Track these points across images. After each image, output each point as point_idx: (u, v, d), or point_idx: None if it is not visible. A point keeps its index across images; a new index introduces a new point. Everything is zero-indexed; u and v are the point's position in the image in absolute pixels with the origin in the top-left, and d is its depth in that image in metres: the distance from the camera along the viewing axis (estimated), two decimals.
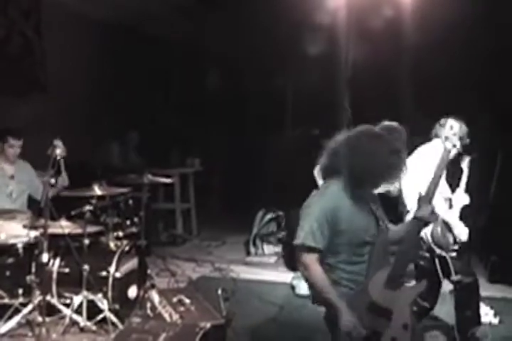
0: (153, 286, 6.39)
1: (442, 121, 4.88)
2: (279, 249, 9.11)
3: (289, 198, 9.57)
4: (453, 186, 5.77)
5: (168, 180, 7.30)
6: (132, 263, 5.99)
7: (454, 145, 3.77)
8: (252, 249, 9.13)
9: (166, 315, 4.41)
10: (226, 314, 4.94)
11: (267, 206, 9.57)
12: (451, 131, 3.85)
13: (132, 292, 5.86)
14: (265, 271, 8.30)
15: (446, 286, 5.41)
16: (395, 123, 5.97)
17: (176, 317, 4.35)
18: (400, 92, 8.94)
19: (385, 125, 6.15)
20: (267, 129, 11.35)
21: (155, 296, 4.83)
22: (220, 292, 5.25)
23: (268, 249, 9.12)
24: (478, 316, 5.34)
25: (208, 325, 3.99)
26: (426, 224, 3.58)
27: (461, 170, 5.77)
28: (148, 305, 4.76)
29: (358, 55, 9.40)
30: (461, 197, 5.68)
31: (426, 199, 3.55)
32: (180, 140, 11.32)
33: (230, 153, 11.37)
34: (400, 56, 9.21)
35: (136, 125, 10.33)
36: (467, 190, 5.39)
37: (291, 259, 8.69)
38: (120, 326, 5.22)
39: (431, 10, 8.40)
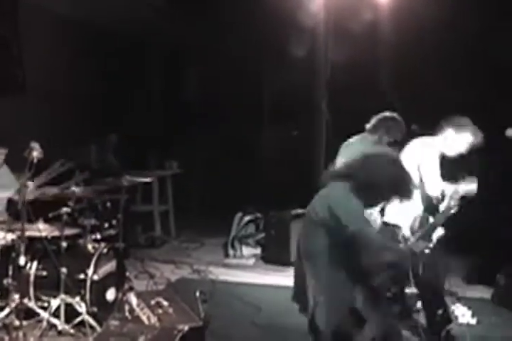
0: (131, 289, 6.37)
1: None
2: (257, 250, 9.12)
3: (268, 200, 9.61)
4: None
5: (146, 179, 7.28)
6: (110, 266, 5.97)
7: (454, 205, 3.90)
8: (231, 251, 9.14)
9: (144, 318, 4.40)
10: (204, 316, 4.94)
11: (245, 208, 9.58)
12: (456, 195, 3.95)
13: (110, 295, 5.84)
14: (244, 272, 8.30)
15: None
16: (394, 114, 6.02)
17: (154, 319, 4.34)
18: (378, 93, 8.96)
19: (384, 115, 6.21)
20: (245, 131, 11.34)
21: (133, 299, 4.82)
22: (198, 294, 5.26)
23: (247, 250, 9.12)
24: (449, 315, 5.38)
25: (186, 328, 3.99)
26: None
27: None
28: (127, 307, 4.74)
29: (337, 55, 9.44)
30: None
31: (423, 236, 3.71)
32: (158, 142, 11.30)
33: (207, 155, 11.35)
34: (379, 56, 9.24)
35: (114, 127, 10.30)
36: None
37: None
38: (98, 329, 5.19)
39: (409, 10, 8.46)
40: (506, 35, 8.09)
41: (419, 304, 5.71)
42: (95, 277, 5.58)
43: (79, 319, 5.36)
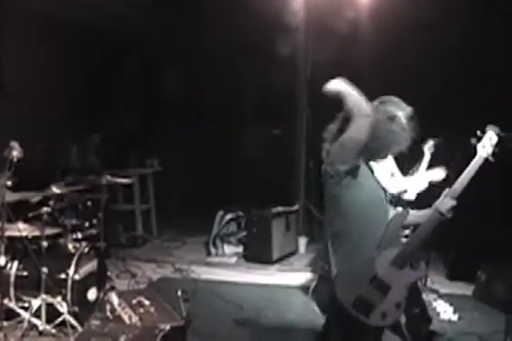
0: (113, 288, 6.36)
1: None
2: (239, 249, 9.12)
3: (249, 198, 9.61)
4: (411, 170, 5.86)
5: (126, 181, 7.24)
6: (91, 266, 5.95)
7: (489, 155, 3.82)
8: (213, 250, 9.14)
9: (126, 317, 4.38)
10: (186, 315, 4.94)
11: (226, 206, 9.58)
12: (490, 142, 3.86)
13: (92, 294, 5.82)
14: (226, 271, 8.30)
15: None
16: None
17: (135, 319, 4.32)
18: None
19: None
20: (226, 129, 11.35)
21: (114, 298, 4.80)
22: (179, 293, 5.25)
23: (228, 249, 9.12)
24: (427, 312, 5.40)
25: (168, 327, 3.98)
26: (443, 216, 3.59)
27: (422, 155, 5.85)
28: (108, 307, 4.72)
29: (317, 53, 9.45)
30: (419, 182, 5.75)
31: (450, 194, 3.59)
32: (139, 141, 11.28)
33: (189, 153, 11.33)
34: (360, 56, 9.25)
35: (95, 127, 10.27)
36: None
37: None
38: (80, 329, 5.18)
39: (390, 9, 8.48)
40: (485, 34, 8.13)
41: None
42: (76, 277, 5.56)
43: (60, 319, 5.34)
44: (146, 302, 4.74)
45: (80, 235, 6.44)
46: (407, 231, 3.82)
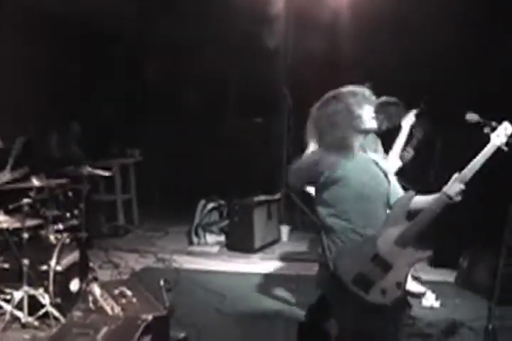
0: (95, 279, 6.36)
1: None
2: (221, 238, 9.13)
3: (231, 187, 9.62)
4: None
5: (106, 173, 7.21)
6: (73, 256, 5.94)
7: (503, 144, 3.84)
8: (195, 239, 9.14)
9: (108, 308, 4.37)
10: (169, 305, 4.94)
11: (208, 195, 9.58)
12: (505, 132, 3.87)
13: (74, 285, 5.82)
14: (208, 260, 8.31)
15: None
16: (395, 99, 6.00)
17: (117, 309, 4.32)
18: (341, 80, 8.97)
19: (386, 100, 6.17)
20: (208, 118, 11.32)
21: (96, 289, 4.79)
22: (162, 283, 5.25)
23: (210, 238, 9.13)
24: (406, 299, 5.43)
25: (150, 317, 3.98)
26: (451, 200, 3.61)
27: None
28: (90, 298, 4.71)
29: (298, 43, 9.45)
30: (392, 162, 5.73)
31: (460, 178, 3.62)
32: (120, 131, 11.23)
33: (170, 142, 11.30)
34: (340, 44, 9.24)
35: (76, 116, 10.21)
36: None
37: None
38: (62, 320, 5.18)
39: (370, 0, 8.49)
40: (459, 25, 8.15)
41: None
42: (58, 268, 5.55)
43: (43, 311, 5.33)
44: (129, 292, 4.73)
45: (61, 226, 6.41)
46: None
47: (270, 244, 9.10)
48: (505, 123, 3.81)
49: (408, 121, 5.71)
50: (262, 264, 8.19)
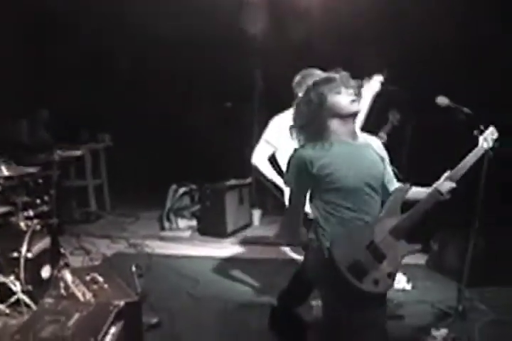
0: (67, 265, 6.33)
1: None
2: (193, 222, 9.14)
3: (202, 172, 9.61)
4: None
5: (78, 152, 7.17)
6: (44, 243, 5.91)
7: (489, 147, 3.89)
8: (166, 224, 9.14)
9: (80, 295, 4.36)
10: (141, 290, 4.95)
11: (179, 180, 9.57)
12: (491, 136, 3.93)
13: (46, 272, 5.79)
14: (180, 245, 8.33)
15: None
16: None
17: (89, 296, 4.31)
18: (313, 64, 8.96)
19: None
20: (178, 103, 11.27)
21: (68, 275, 4.78)
22: (133, 268, 5.25)
23: (182, 223, 9.14)
24: None
25: (122, 303, 3.97)
26: (442, 196, 3.66)
27: None
28: (62, 284, 4.70)
29: (269, 27, 9.42)
30: None
31: (450, 177, 3.68)
32: (90, 116, 11.15)
33: (140, 127, 11.24)
34: (312, 28, 9.20)
35: (45, 101, 10.13)
36: None
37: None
38: (34, 307, 5.16)
39: None
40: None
41: None
42: (29, 255, 5.51)
43: (14, 298, 5.31)
44: (100, 278, 4.72)
45: (31, 212, 6.35)
46: None
47: (242, 229, 9.14)
48: (491, 128, 3.89)
49: (370, 89, 5.36)
50: (234, 248, 8.22)
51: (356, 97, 3.51)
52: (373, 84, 5.38)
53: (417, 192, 3.72)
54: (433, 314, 5.77)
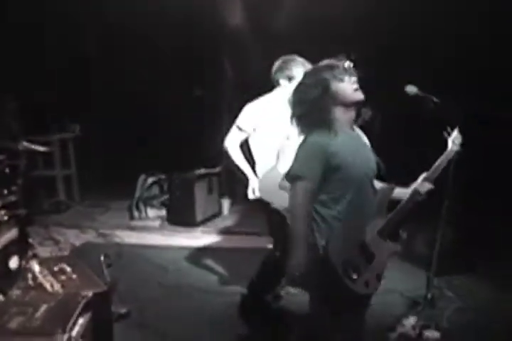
0: (35, 256, 6.29)
1: None
2: (162, 212, 9.13)
3: (171, 161, 9.59)
4: None
5: (43, 149, 7.10)
6: (12, 234, 5.85)
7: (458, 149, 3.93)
8: (136, 213, 9.11)
9: (48, 285, 4.34)
10: (110, 280, 4.94)
11: (148, 170, 9.55)
12: (458, 140, 3.99)
13: (13, 263, 5.74)
14: (149, 234, 8.32)
15: None
16: None
17: (57, 286, 4.30)
18: (282, 49, 8.94)
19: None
20: (148, 92, 11.21)
21: (36, 266, 4.76)
22: (102, 258, 5.24)
23: (152, 212, 9.13)
24: None
25: (90, 293, 3.97)
26: (420, 196, 3.69)
27: None
28: (30, 275, 4.68)
29: (238, 11, 9.39)
30: None
31: (427, 178, 3.73)
32: (59, 105, 11.06)
33: (109, 117, 11.17)
34: (282, 14, 9.18)
35: (12, 91, 10.02)
36: None
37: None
38: (2, 299, 5.13)
39: None
40: None
41: None
42: None
43: None
44: (68, 268, 4.71)
45: None
46: None
47: (211, 218, 9.14)
48: (455, 133, 3.92)
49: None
50: (204, 238, 8.23)
51: (358, 86, 3.48)
52: None
53: (399, 192, 3.71)
54: (402, 303, 5.83)
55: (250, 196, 5.22)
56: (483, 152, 6.84)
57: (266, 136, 5.15)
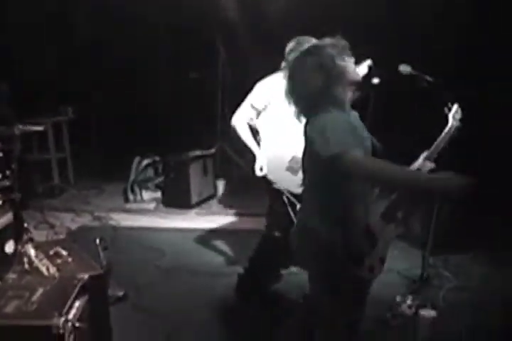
0: (31, 240, 6.28)
1: None
2: (157, 194, 9.12)
3: (165, 143, 9.58)
4: None
5: (39, 128, 7.09)
6: (7, 218, 5.83)
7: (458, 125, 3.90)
8: (131, 196, 9.10)
9: (43, 269, 4.34)
10: (106, 263, 4.93)
11: (143, 152, 9.53)
12: (457, 115, 3.95)
13: (9, 247, 5.73)
14: (145, 217, 8.32)
15: None
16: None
17: (53, 270, 4.29)
18: (274, 33, 8.92)
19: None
20: (141, 74, 11.16)
21: (31, 250, 4.75)
22: (98, 241, 5.23)
23: (146, 195, 9.11)
24: None
25: (86, 277, 3.97)
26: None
27: None
28: (26, 259, 4.67)
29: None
30: None
31: (428, 157, 3.72)
32: (52, 88, 11.00)
33: (103, 99, 11.13)
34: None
35: (4, 74, 9.96)
36: None
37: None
38: None
39: None
40: None
41: None
42: None
43: None
44: (64, 252, 4.70)
45: None
46: None
47: (206, 199, 9.14)
48: (455, 107, 3.89)
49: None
50: (199, 219, 8.25)
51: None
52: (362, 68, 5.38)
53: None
54: (398, 282, 5.86)
55: (258, 173, 5.20)
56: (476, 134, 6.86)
57: (276, 114, 5.13)
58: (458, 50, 7.83)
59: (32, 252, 4.64)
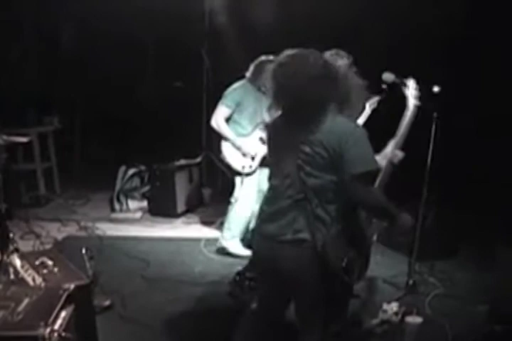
0: (17, 250, 6.27)
1: None
2: (143, 203, 9.11)
3: (151, 152, 9.58)
4: None
5: (24, 139, 7.07)
6: None
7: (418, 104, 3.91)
8: (117, 206, 9.09)
9: (29, 279, 4.34)
10: (91, 273, 4.94)
11: (128, 161, 9.52)
12: (413, 88, 3.94)
13: None
14: (131, 226, 8.30)
15: None
16: (271, 57, 5.95)
17: (39, 280, 4.29)
18: (259, 44, 8.95)
19: (261, 60, 6.24)
20: (127, 82, 11.16)
21: (17, 260, 4.75)
22: (84, 251, 5.23)
23: (132, 204, 9.09)
24: None
25: (72, 286, 3.97)
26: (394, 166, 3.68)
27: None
28: (11, 270, 4.67)
29: (217, 6, 9.39)
30: None
31: (396, 146, 3.74)
32: (37, 98, 10.98)
33: (89, 109, 11.13)
34: (260, 8, 9.17)
35: None
36: None
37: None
38: None
39: None
40: None
41: None
42: None
43: None
44: (50, 262, 4.70)
45: None
46: None
47: (193, 208, 9.14)
48: (411, 82, 3.91)
49: (371, 104, 5.25)
50: (185, 228, 8.25)
51: None
52: (372, 103, 5.36)
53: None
54: (384, 289, 5.88)
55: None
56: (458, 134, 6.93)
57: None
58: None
59: (18, 262, 4.64)
